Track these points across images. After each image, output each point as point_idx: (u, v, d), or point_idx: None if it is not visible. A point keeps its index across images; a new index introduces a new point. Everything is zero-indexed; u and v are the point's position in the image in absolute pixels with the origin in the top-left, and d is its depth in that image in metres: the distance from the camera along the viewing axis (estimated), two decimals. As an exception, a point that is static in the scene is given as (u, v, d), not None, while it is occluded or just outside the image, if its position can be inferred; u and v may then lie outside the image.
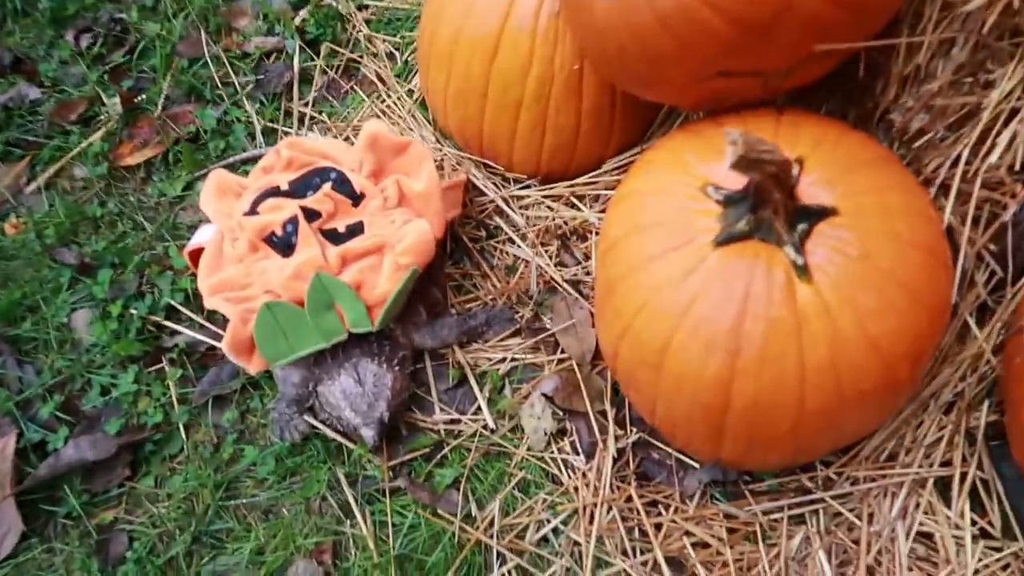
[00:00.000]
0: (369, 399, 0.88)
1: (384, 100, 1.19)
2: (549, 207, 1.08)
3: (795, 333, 0.70)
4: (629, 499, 0.89)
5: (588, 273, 1.03)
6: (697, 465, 0.90)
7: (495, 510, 0.88)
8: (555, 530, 0.87)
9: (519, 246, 1.06)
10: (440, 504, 0.88)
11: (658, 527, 0.88)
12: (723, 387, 0.72)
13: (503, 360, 0.97)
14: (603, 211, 1.06)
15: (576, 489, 0.89)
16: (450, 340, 0.97)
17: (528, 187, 1.10)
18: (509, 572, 0.85)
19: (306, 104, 1.20)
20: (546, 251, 1.05)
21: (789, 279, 0.70)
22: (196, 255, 0.95)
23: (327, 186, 0.94)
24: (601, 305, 0.84)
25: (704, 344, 0.72)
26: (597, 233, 1.05)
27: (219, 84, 1.20)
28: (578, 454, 0.92)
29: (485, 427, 0.93)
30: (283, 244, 0.90)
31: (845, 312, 0.70)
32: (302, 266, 0.87)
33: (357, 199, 0.95)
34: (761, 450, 0.78)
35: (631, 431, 0.93)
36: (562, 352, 0.98)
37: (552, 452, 0.92)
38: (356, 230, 0.92)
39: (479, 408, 0.95)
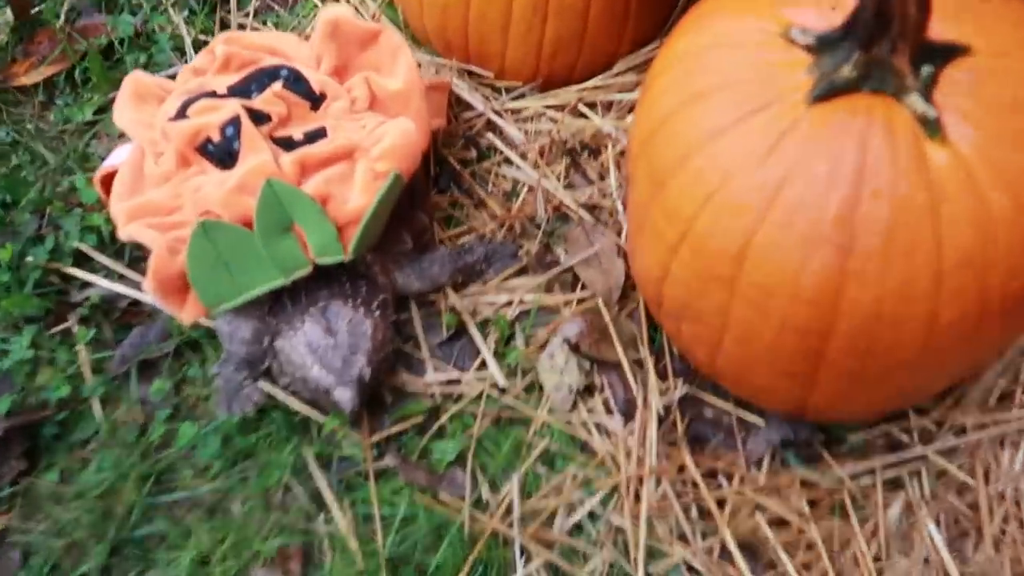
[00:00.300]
0: (344, 352, 0.67)
1: (343, 4, 0.98)
2: (552, 119, 0.88)
3: (930, 214, 0.51)
4: (682, 469, 0.69)
5: (606, 195, 0.84)
6: (761, 423, 0.71)
7: (513, 491, 0.68)
8: (591, 514, 0.67)
9: (519, 167, 0.86)
10: (442, 487, 0.68)
11: (722, 503, 0.68)
12: (829, 297, 0.53)
13: (509, 304, 0.77)
14: (621, 118, 0.87)
15: (614, 460, 0.70)
16: (442, 280, 0.77)
17: (523, 97, 0.90)
18: (537, 571, 0.65)
19: (247, 15, 0.98)
20: (553, 172, 0.85)
21: (916, 141, 0.51)
22: (110, 181, 0.73)
23: (277, 85, 0.73)
24: (641, 212, 0.64)
25: (802, 238, 0.53)
26: (615, 146, 0.85)
27: (138, -7, 0.98)
28: (612, 415, 0.72)
29: (493, 386, 0.73)
30: (222, 153, 0.69)
31: (995, 182, 0.51)
32: (248, 176, 0.66)
33: (316, 101, 0.74)
34: (866, 389, 0.59)
35: (676, 384, 0.73)
36: (583, 289, 0.78)
37: (580, 414, 0.72)
38: (317, 137, 0.71)
39: (483, 363, 0.74)
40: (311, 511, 0.67)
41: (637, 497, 0.68)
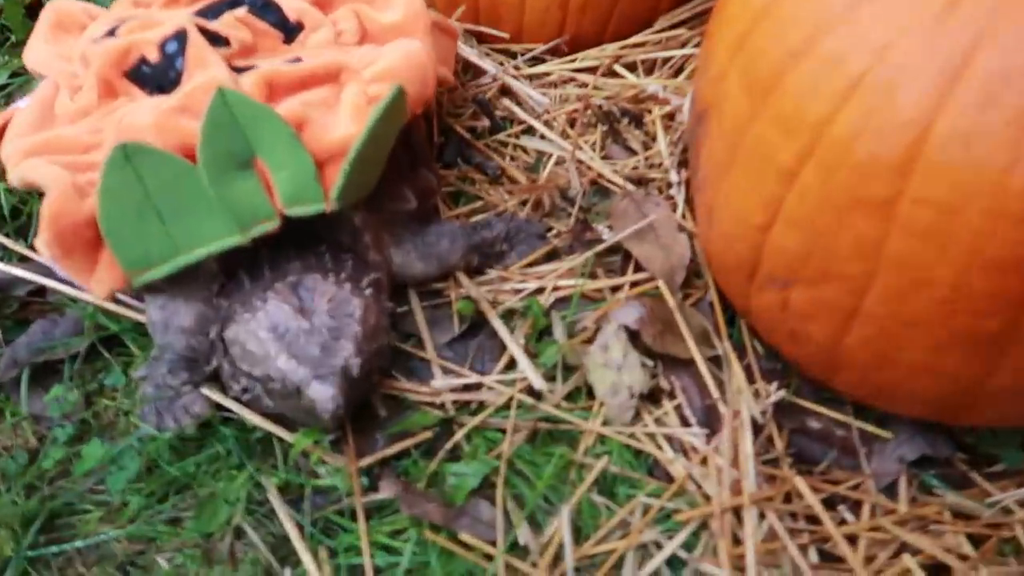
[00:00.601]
0: (322, 338, 0.48)
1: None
2: (582, 84, 0.72)
3: None
4: (789, 497, 0.50)
5: (654, 166, 0.67)
6: (886, 435, 0.53)
7: (562, 530, 0.48)
8: (673, 560, 0.48)
9: (543, 137, 0.69)
10: (462, 524, 0.47)
11: (853, 541, 0.49)
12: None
13: (540, 292, 0.59)
14: (669, 78, 0.71)
15: (699, 485, 0.50)
16: (452, 259, 0.58)
17: (543, 62, 0.75)
18: (605, 644, 0.45)
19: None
20: (587, 143, 0.69)
21: None
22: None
23: (241, 11, 0.57)
24: (731, 143, 0.48)
25: (1011, 122, 0.36)
26: (662, 108, 0.69)
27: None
28: (689, 426, 0.53)
29: (526, 391, 0.54)
30: (160, 76, 0.51)
31: None
32: (193, 93, 0.48)
33: (291, 32, 0.58)
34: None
35: (768, 388, 0.55)
36: (636, 271, 0.60)
37: (647, 425, 0.53)
38: (291, 65, 0.54)
39: (511, 363, 0.55)
40: (273, 565, 0.47)
41: (735, 538, 0.48)
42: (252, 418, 0.51)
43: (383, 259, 0.56)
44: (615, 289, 0.59)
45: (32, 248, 0.59)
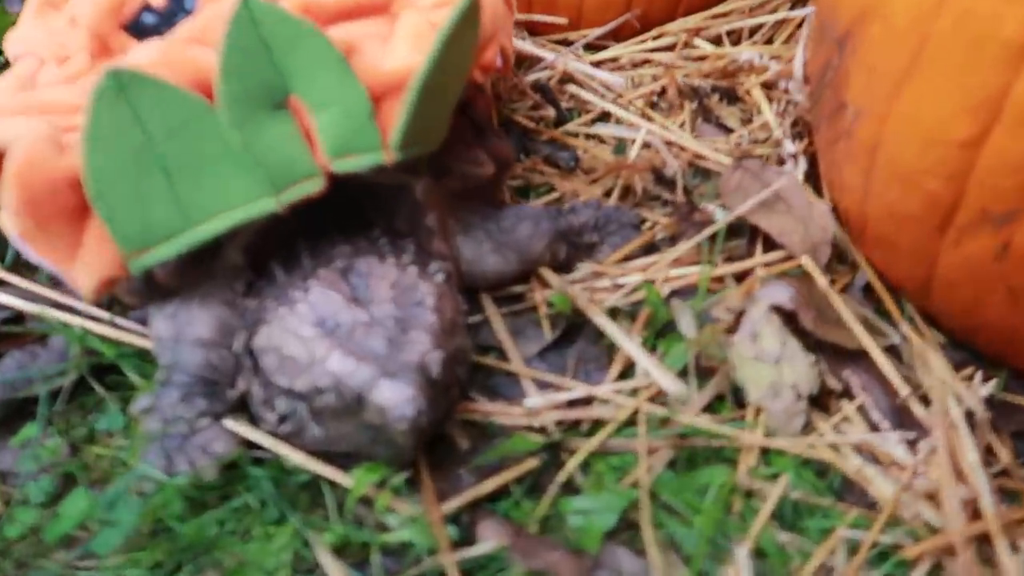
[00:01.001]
0: (388, 330, 0.35)
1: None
2: (658, 64, 0.62)
3: None
4: (1039, 521, 0.36)
5: (758, 141, 0.56)
6: None
7: (742, 580, 0.33)
8: (903, 616, 0.33)
9: (620, 122, 0.58)
10: (600, 579, 0.33)
11: None
12: None
13: (650, 284, 0.46)
14: (768, 41, 0.61)
15: (915, 512, 0.36)
16: (535, 249, 0.46)
17: (605, 49, 0.65)
18: None
19: None
20: (676, 123, 0.58)
21: None
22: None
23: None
24: (919, 31, 0.37)
25: None
26: (759, 75, 0.59)
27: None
28: (876, 431, 0.39)
29: (656, 401, 0.40)
30: (164, 25, 0.41)
31: None
32: (210, 22, 0.37)
33: (325, -9, 0.48)
34: None
35: (971, 383, 0.41)
36: (766, 250, 0.48)
37: (822, 434, 0.39)
38: (328, 14, 0.43)
39: (628, 370, 0.42)
40: (332, 657, 0.32)
41: (986, 579, 0.34)
42: (294, 456, 0.38)
43: (450, 251, 0.44)
44: (740, 277, 0.47)
45: (11, 271, 0.47)
